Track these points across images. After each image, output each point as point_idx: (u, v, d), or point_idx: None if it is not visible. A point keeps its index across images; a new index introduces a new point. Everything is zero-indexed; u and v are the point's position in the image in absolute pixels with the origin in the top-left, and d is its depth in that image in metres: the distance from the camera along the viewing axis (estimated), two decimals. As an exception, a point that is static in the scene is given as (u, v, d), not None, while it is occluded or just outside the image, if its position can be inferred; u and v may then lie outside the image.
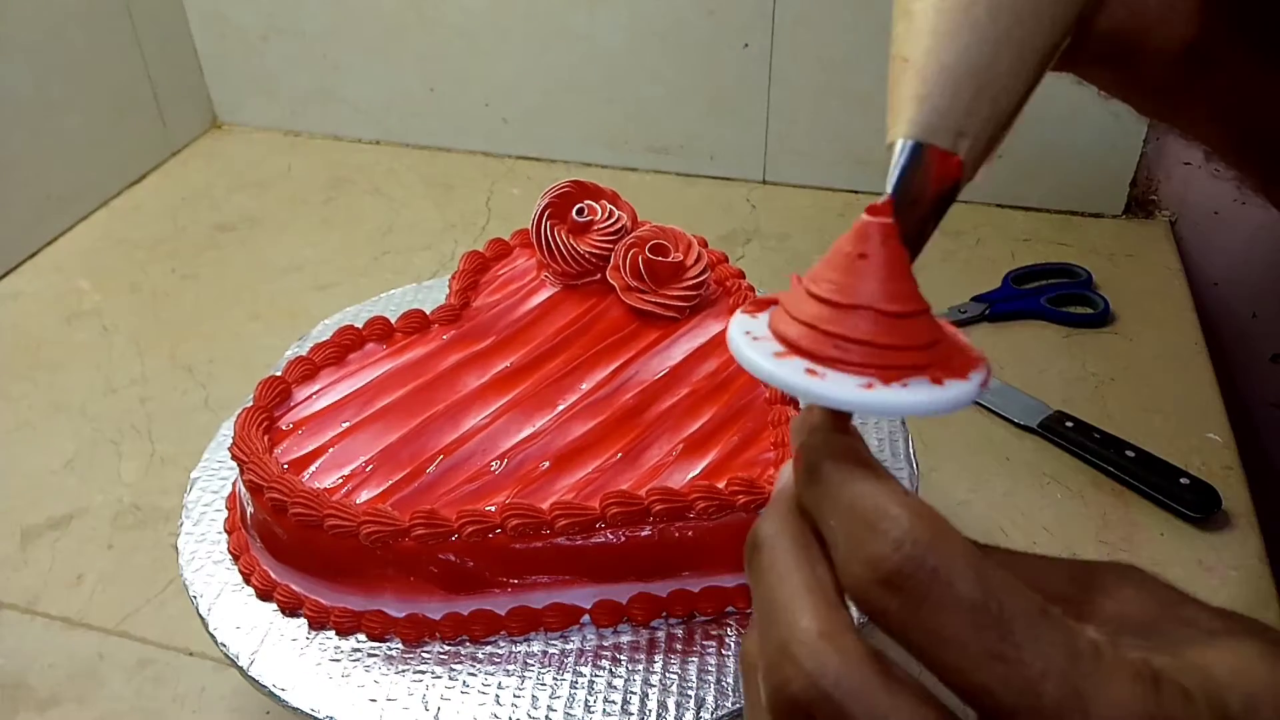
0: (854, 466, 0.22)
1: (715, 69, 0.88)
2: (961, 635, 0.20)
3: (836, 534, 0.22)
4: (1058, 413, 0.64)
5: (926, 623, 0.20)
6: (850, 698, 0.20)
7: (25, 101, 0.84)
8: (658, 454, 0.47)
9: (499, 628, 0.45)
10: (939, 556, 0.20)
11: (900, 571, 0.20)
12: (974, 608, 0.20)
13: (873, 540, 0.21)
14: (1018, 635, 0.19)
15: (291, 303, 0.79)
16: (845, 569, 0.21)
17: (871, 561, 0.20)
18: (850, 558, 0.21)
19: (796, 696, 0.21)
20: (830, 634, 0.21)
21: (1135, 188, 0.84)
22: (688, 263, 0.56)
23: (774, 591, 0.23)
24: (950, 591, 0.20)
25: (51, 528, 0.61)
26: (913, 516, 0.21)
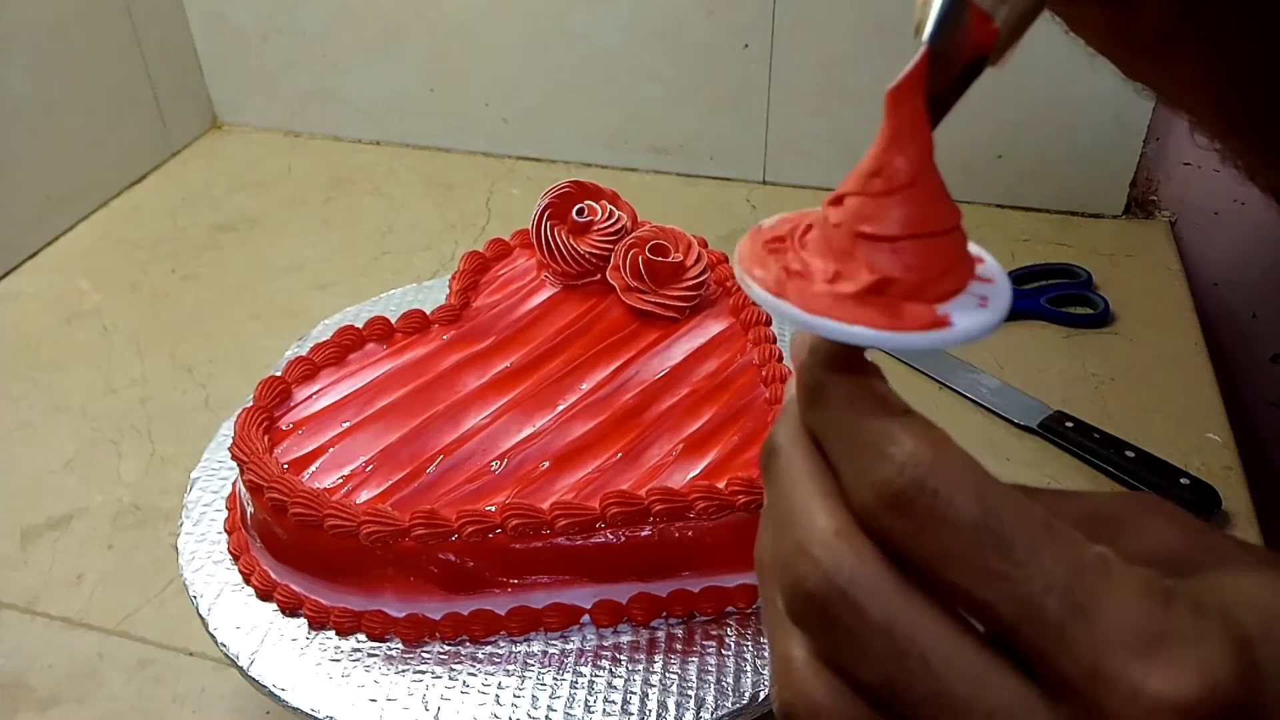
0: (857, 388, 0.22)
1: (715, 69, 0.88)
2: (963, 553, 0.20)
3: (842, 459, 0.22)
4: (1058, 413, 0.64)
5: (929, 543, 0.20)
6: (865, 594, 0.21)
7: (25, 101, 0.84)
8: (658, 454, 0.47)
9: (499, 628, 0.45)
10: (940, 478, 0.20)
11: (903, 494, 0.20)
12: (975, 526, 0.20)
13: (878, 465, 0.21)
14: (1019, 552, 0.20)
15: (291, 303, 0.79)
16: (853, 493, 0.21)
17: (877, 486, 0.21)
18: (857, 483, 0.21)
19: (811, 592, 0.21)
20: (846, 533, 0.21)
21: (1135, 188, 0.84)
22: (688, 263, 0.56)
23: (791, 494, 0.23)
24: (951, 510, 0.20)
25: (51, 528, 0.61)
26: (915, 439, 0.21)
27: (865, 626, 0.21)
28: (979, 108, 0.93)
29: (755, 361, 0.52)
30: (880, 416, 0.22)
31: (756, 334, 0.54)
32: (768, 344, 0.53)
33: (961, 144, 0.84)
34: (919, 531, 0.20)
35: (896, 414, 0.22)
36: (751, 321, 0.55)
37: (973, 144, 0.84)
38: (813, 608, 0.21)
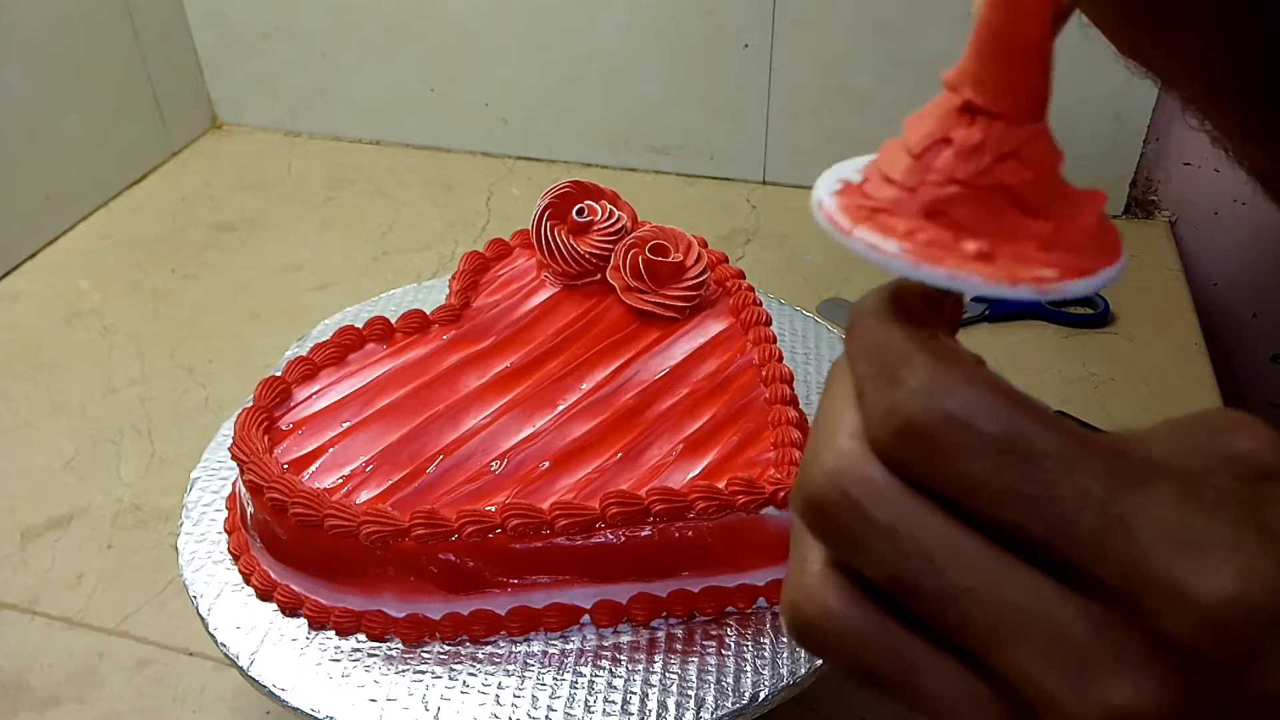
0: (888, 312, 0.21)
1: (715, 69, 0.88)
2: (986, 480, 0.19)
3: (864, 383, 0.21)
4: (1058, 413, 0.64)
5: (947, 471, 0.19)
6: (867, 496, 0.20)
7: (25, 101, 0.84)
8: (658, 454, 0.47)
9: (499, 628, 0.45)
10: (959, 401, 0.19)
11: (913, 421, 0.19)
12: (997, 448, 0.19)
13: (890, 389, 0.20)
14: (1049, 471, 0.19)
15: (291, 303, 0.79)
16: (867, 422, 0.20)
17: (887, 413, 0.20)
18: (871, 409, 0.20)
19: (813, 495, 0.20)
20: (855, 438, 0.20)
21: (1135, 188, 0.84)
22: (688, 263, 0.56)
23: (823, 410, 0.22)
24: (970, 434, 0.19)
25: (51, 528, 0.61)
26: (935, 362, 0.20)
27: (868, 527, 0.20)
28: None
29: (755, 361, 0.52)
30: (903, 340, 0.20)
31: (756, 334, 0.54)
32: (768, 344, 0.53)
33: (961, 144, 0.84)
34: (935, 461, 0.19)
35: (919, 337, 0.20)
36: (751, 321, 0.55)
37: (973, 144, 0.84)
38: (817, 510, 0.20)
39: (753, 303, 0.56)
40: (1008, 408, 0.19)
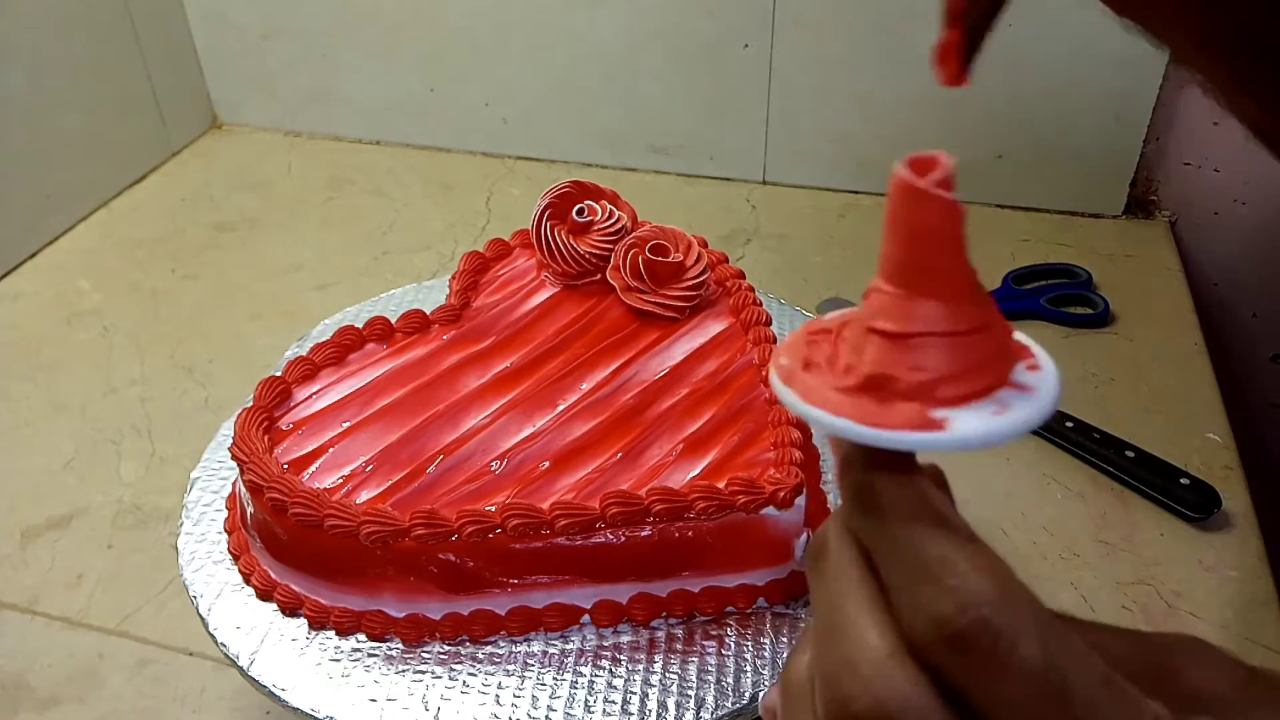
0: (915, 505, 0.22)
1: (715, 69, 0.88)
2: (1022, 702, 0.19)
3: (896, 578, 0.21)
4: (1058, 413, 0.64)
5: (989, 685, 0.20)
6: None
7: (25, 101, 0.84)
8: (658, 454, 0.47)
9: (499, 628, 0.45)
10: (1005, 619, 0.20)
11: (964, 634, 0.20)
12: (1036, 676, 0.19)
13: (938, 598, 0.20)
14: (1078, 708, 0.19)
15: (291, 303, 0.79)
16: (909, 621, 0.21)
17: (937, 621, 0.20)
18: (915, 612, 0.21)
19: (859, 715, 0.21)
20: (899, 657, 0.21)
21: (1135, 188, 0.84)
22: (688, 263, 0.56)
23: (841, 604, 0.22)
24: (1014, 656, 0.19)
25: (51, 528, 0.61)
26: (979, 573, 0.20)
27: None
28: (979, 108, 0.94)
29: (755, 361, 0.52)
30: (942, 541, 0.21)
31: (756, 334, 0.54)
32: (768, 344, 0.53)
33: (962, 144, 0.84)
34: (978, 673, 0.20)
35: (959, 540, 0.21)
36: (751, 321, 0.55)
37: (973, 144, 0.84)
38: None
39: (753, 303, 0.56)
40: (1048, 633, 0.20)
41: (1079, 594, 0.55)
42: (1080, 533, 0.58)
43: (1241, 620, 0.53)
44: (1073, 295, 0.76)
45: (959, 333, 0.22)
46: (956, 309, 0.22)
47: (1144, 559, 0.56)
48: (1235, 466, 0.61)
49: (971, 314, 0.23)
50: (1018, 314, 0.74)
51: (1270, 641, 0.52)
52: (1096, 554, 0.57)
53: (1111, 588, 0.55)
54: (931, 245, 0.22)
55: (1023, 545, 0.57)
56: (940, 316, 0.22)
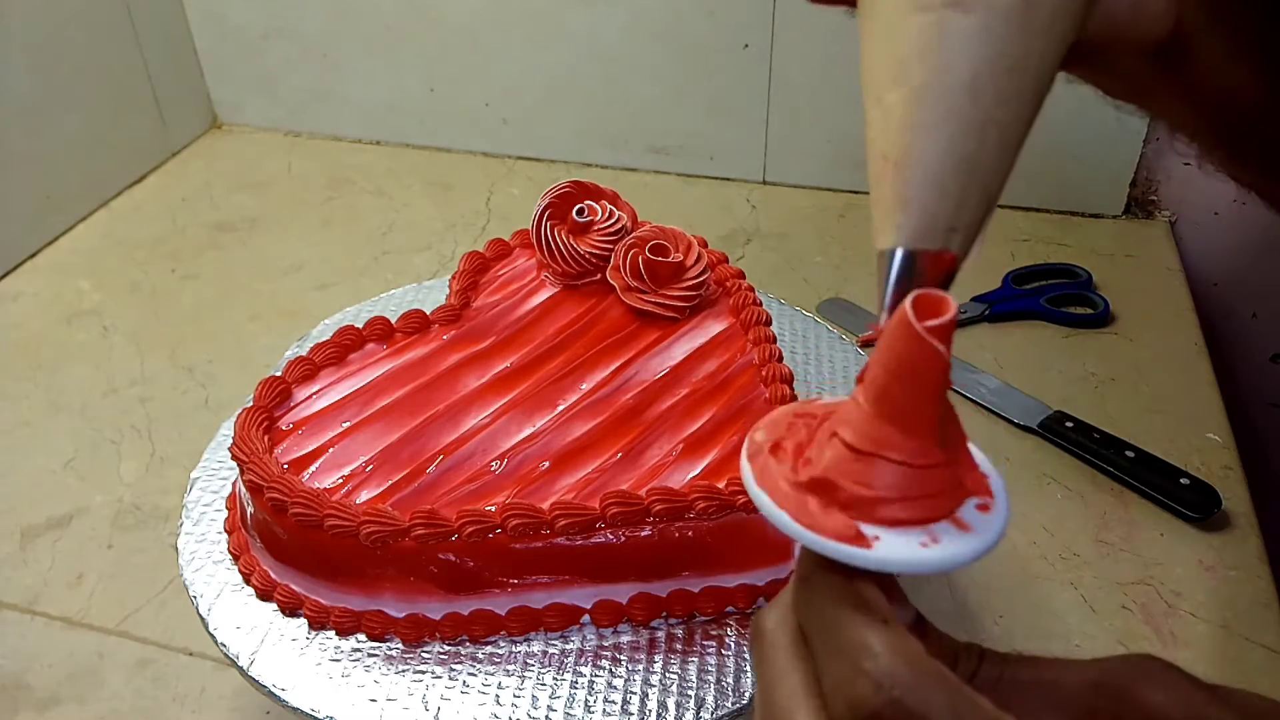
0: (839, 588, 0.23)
1: (715, 69, 0.88)
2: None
3: (821, 661, 0.23)
4: (1058, 413, 0.64)
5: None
6: None
7: (25, 101, 0.84)
8: (658, 454, 0.47)
9: (499, 628, 0.45)
10: (916, 697, 0.20)
11: (879, 715, 0.21)
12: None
13: (854, 679, 0.21)
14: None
15: (291, 303, 0.79)
16: (829, 702, 0.22)
17: (853, 703, 0.21)
18: (833, 693, 0.22)
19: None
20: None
21: (1135, 188, 0.84)
22: (688, 263, 0.56)
23: (773, 688, 0.24)
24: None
25: (51, 528, 0.61)
26: (892, 654, 0.21)
27: None
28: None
29: (755, 361, 0.52)
30: (859, 624, 0.22)
31: (756, 334, 0.54)
32: (768, 344, 0.53)
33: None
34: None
35: (875, 623, 0.22)
36: (751, 321, 0.55)
37: (973, 144, 0.84)
38: None
39: (753, 303, 0.56)
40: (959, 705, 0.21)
41: (1079, 594, 0.55)
42: (1080, 533, 0.58)
43: (1241, 620, 0.53)
44: (1073, 295, 0.76)
45: (911, 464, 0.23)
46: (916, 443, 0.23)
47: (1144, 559, 0.56)
48: (1235, 466, 0.61)
49: (929, 451, 0.24)
50: (1018, 314, 0.74)
51: (1270, 641, 0.52)
52: (1096, 554, 0.57)
53: (1111, 588, 0.55)
54: (910, 383, 0.23)
55: (1022, 545, 0.57)
56: (897, 444, 0.23)
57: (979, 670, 0.24)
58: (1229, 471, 0.61)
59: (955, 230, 0.25)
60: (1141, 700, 0.23)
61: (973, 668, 0.24)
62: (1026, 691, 0.24)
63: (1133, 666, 0.24)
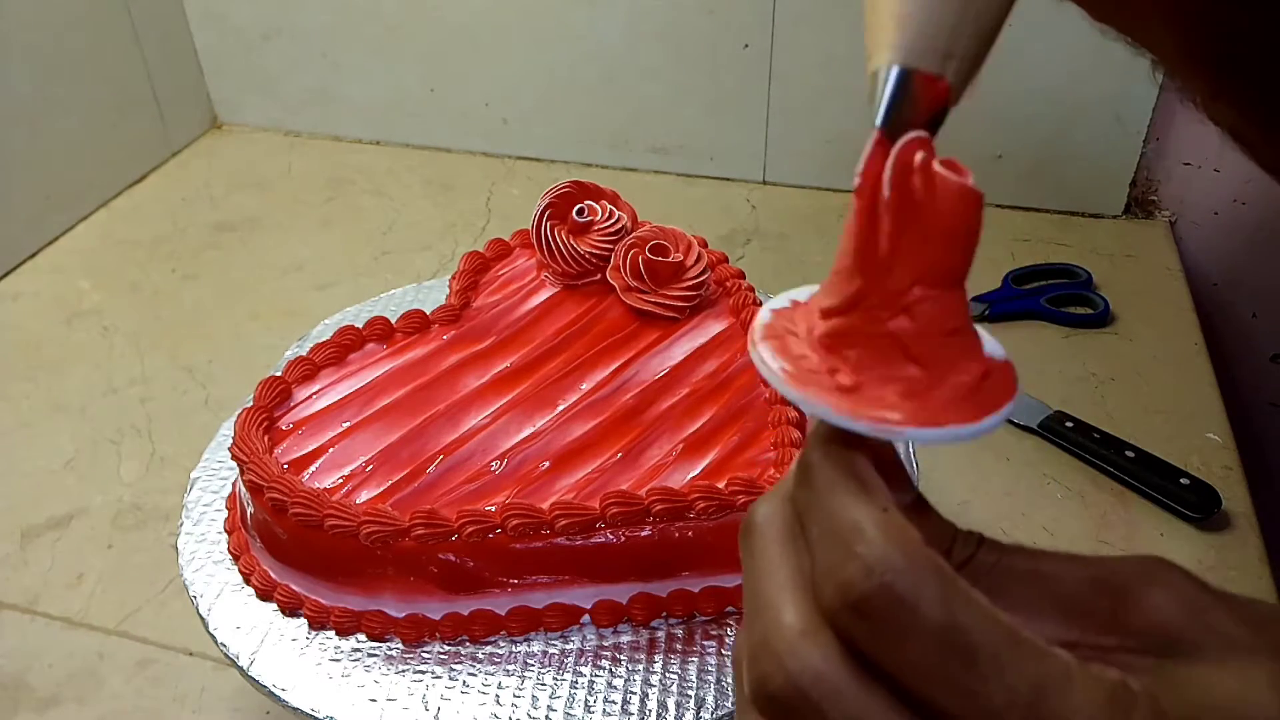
0: (842, 473, 0.22)
1: (715, 69, 0.88)
2: (926, 664, 0.20)
3: (815, 547, 0.22)
4: (1058, 413, 0.64)
5: (893, 650, 0.20)
6: (827, 698, 0.21)
7: (25, 101, 0.84)
8: (658, 454, 0.47)
9: (499, 628, 0.45)
10: (907, 584, 0.20)
11: (868, 599, 0.20)
12: (939, 638, 0.20)
13: (844, 563, 0.21)
14: (982, 666, 0.20)
15: (291, 303, 0.79)
16: (819, 587, 0.21)
17: (842, 586, 0.20)
18: (824, 577, 0.21)
19: (774, 694, 0.21)
20: (809, 631, 0.21)
21: (1135, 188, 0.84)
22: (688, 263, 0.56)
23: (760, 582, 0.23)
24: (916, 620, 0.20)
25: (51, 528, 0.61)
26: (885, 539, 0.20)
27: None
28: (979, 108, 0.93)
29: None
30: (856, 507, 0.21)
31: (756, 334, 0.54)
32: (768, 344, 0.53)
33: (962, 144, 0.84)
34: (881, 638, 0.20)
35: (873, 508, 0.21)
36: (751, 321, 0.55)
37: (973, 144, 0.84)
38: (775, 705, 0.21)
39: (753, 303, 0.56)
40: (951, 595, 0.20)
41: (1079, 594, 0.55)
42: (1080, 533, 0.58)
43: (1241, 620, 0.53)
44: (1073, 295, 0.76)
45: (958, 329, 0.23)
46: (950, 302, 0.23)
47: (1144, 559, 0.56)
48: (1235, 466, 0.61)
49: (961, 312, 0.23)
50: (1017, 314, 0.74)
51: (1270, 641, 0.52)
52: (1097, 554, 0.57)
53: (1111, 588, 0.55)
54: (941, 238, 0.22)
55: (1023, 545, 0.57)
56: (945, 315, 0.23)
57: (975, 555, 0.24)
58: (1229, 471, 0.61)
59: (951, 57, 0.25)
60: (1142, 600, 0.22)
61: (969, 553, 0.24)
62: (1023, 582, 0.23)
63: (1135, 565, 0.23)
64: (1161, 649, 0.22)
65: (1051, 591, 0.23)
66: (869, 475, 0.22)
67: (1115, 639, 0.22)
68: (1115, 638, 0.22)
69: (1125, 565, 0.23)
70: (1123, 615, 0.22)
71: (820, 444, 0.23)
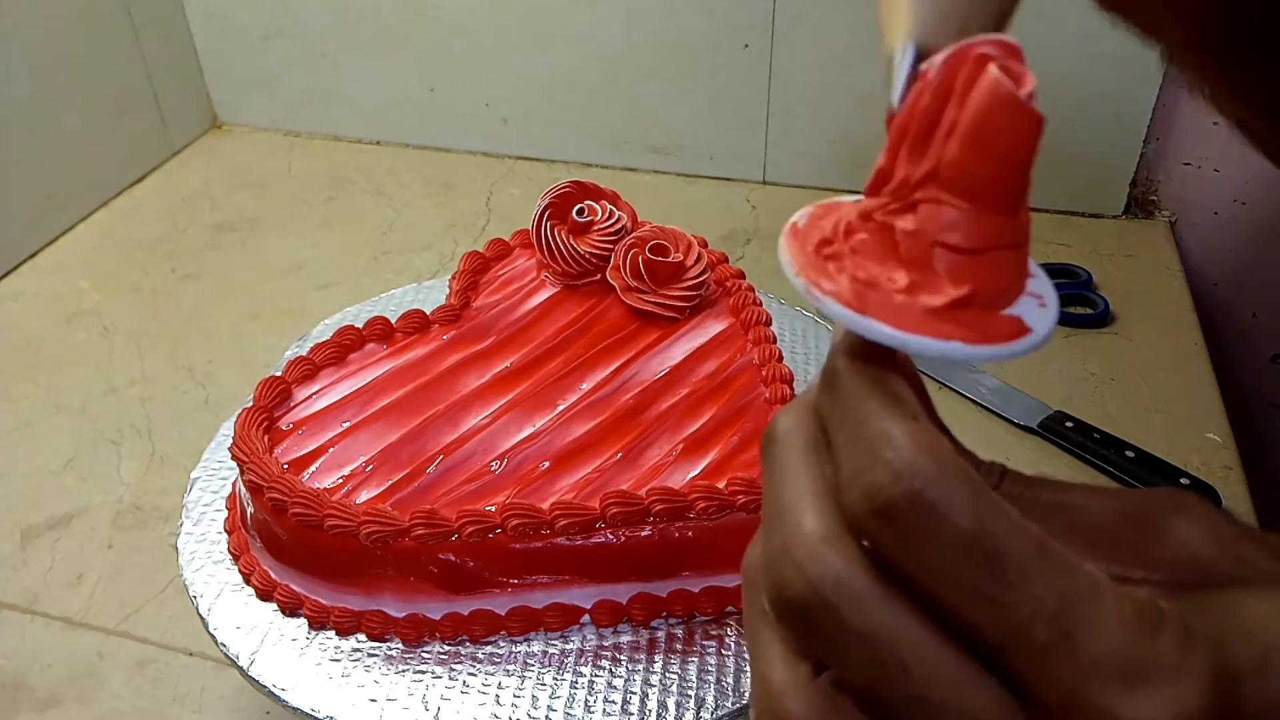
0: (870, 383, 0.22)
1: (715, 69, 0.88)
2: (952, 573, 0.19)
3: (840, 453, 0.21)
4: (1058, 413, 0.64)
5: (918, 557, 0.20)
6: (847, 603, 0.20)
7: (25, 101, 0.84)
8: (658, 454, 0.47)
9: (499, 628, 0.45)
10: (937, 491, 0.19)
11: (895, 504, 0.20)
12: (967, 546, 0.19)
13: (872, 468, 0.20)
14: (1010, 575, 0.19)
15: (291, 303, 0.79)
16: (844, 492, 0.21)
17: (869, 491, 0.20)
18: (849, 482, 0.21)
19: (794, 599, 0.21)
20: (831, 538, 0.21)
21: (1135, 188, 0.84)
22: (688, 263, 0.56)
23: (781, 490, 0.22)
24: (944, 527, 0.19)
25: (51, 528, 0.61)
26: (915, 446, 0.20)
27: (846, 634, 0.20)
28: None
29: (755, 361, 0.52)
30: (885, 416, 0.21)
31: (756, 334, 0.54)
32: (768, 344, 0.53)
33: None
34: (907, 544, 0.20)
35: (903, 417, 0.21)
36: (751, 321, 0.55)
37: (973, 144, 0.84)
38: (795, 613, 0.21)
39: (753, 303, 0.56)
40: (980, 504, 0.20)
41: (1079, 594, 0.55)
42: (1080, 533, 0.58)
43: (1241, 620, 0.53)
44: (1073, 295, 0.76)
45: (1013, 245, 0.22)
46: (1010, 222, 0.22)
47: (1144, 559, 0.56)
48: (1235, 466, 0.61)
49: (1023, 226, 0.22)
50: (1018, 314, 0.74)
51: (1270, 641, 0.52)
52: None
53: (1111, 588, 0.55)
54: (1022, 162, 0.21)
55: (1023, 545, 0.57)
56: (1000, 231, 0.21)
57: (999, 486, 0.23)
58: (1229, 471, 0.61)
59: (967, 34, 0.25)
60: (1170, 533, 0.22)
61: (993, 483, 0.23)
62: (1048, 514, 0.23)
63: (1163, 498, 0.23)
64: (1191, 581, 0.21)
65: (1077, 524, 0.22)
66: (901, 388, 0.22)
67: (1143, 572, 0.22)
68: (1144, 570, 0.22)
69: (1152, 498, 0.23)
70: (1151, 548, 0.22)
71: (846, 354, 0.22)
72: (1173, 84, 0.78)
